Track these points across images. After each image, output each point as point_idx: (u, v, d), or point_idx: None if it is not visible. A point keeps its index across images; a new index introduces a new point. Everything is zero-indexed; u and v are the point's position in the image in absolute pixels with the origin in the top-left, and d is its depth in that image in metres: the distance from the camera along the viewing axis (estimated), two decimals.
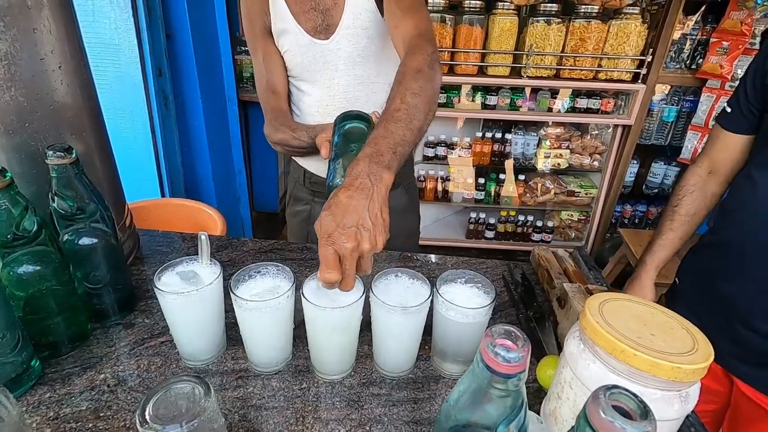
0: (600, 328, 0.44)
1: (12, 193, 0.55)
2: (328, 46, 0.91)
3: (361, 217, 0.52)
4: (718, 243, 0.88)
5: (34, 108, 0.62)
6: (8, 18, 0.56)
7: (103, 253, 0.66)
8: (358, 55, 0.91)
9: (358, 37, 0.90)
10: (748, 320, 0.80)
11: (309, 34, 0.91)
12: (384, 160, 0.56)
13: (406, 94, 0.64)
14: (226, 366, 0.64)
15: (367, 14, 0.89)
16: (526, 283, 0.84)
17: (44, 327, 0.62)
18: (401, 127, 0.60)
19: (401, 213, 1.09)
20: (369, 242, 0.52)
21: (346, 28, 0.89)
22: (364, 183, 0.54)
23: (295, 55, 0.94)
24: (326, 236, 0.51)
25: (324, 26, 0.91)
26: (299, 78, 0.98)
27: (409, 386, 0.63)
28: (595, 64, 2.18)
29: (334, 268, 0.51)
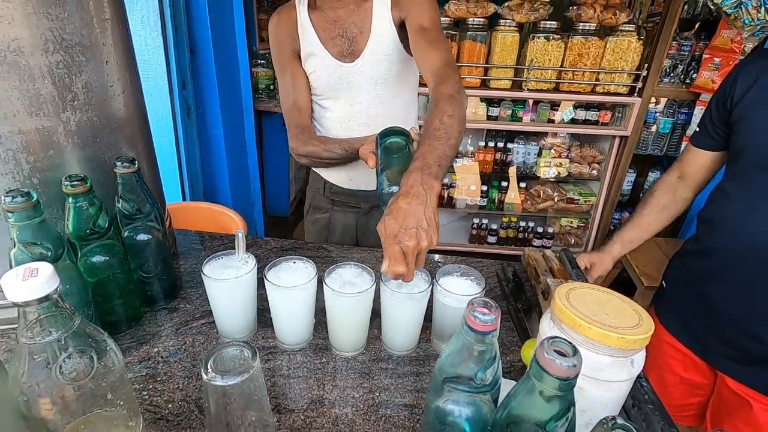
0: (564, 309, 0.55)
1: (90, 196, 0.67)
2: (353, 68, 1.04)
3: (419, 220, 0.63)
4: (699, 250, 0.98)
5: (104, 126, 0.74)
6: (89, 53, 0.69)
7: (156, 247, 0.79)
8: (380, 76, 1.04)
9: (381, 62, 1.02)
10: (731, 320, 0.89)
11: (335, 58, 1.04)
12: (432, 172, 0.67)
13: (443, 116, 0.76)
14: (258, 343, 0.76)
15: (389, 42, 1.01)
16: (517, 279, 0.95)
17: (108, 308, 0.74)
18: (442, 143, 0.72)
19: None
20: (426, 240, 0.63)
21: (371, 54, 1.02)
22: (419, 191, 0.65)
23: (321, 76, 1.06)
24: (392, 236, 0.63)
25: (350, 51, 1.03)
26: (324, 96, 1.10)
27: (412, 362, 0.74)
28: (593, 78, 2.29)
29: (402, 262, 0.62)
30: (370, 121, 1.08)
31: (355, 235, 1.24)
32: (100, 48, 0.71)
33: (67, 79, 0.67)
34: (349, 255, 1.04)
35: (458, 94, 0.82)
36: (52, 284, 0.42)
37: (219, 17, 2.08)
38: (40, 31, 0.63)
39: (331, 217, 1.23)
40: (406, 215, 0.63)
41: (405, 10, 0.99)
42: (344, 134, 1.10)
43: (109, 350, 0.46)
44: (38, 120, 0.66)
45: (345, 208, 1.21)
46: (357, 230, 1.23)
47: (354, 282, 0.72)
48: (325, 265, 1.00)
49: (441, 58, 0.91)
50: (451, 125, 0.75)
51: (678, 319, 1.02)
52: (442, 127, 0.75)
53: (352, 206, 1.21)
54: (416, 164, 0.69)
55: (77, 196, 0.65)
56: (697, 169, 1.01)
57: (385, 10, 1.01)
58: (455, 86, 0.84)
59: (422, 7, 0.98)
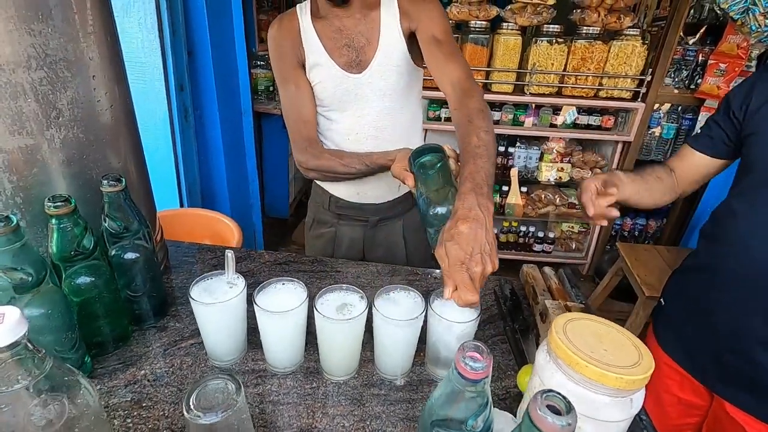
0: (561, 344, 0.53)
1: (75, 217, 0.65)
2: (360, 79, 1.01)
3: (482, 244, 0.62)
4: (700, 267, 0.95)
5: (91, 142, 0.72)
6: (74, 69, 0.67)
7: (144, 266, 0.77)
8: (388, 88, 1.01)
9: (389, 73, 1.00)
10: (730, 343, 0.87)
11: (342, 68, 1.01)
12: (485, 192, 0.67)
13: (480, 132, 0.77)
14: (247, 366, 0.74)
15: (398, 53, 0.99)
16: (514, 298, 0.93)
17: (94, 328, 0.72)
18: (486, 161, 0.72)
19: (420, 230, 1.19)
20: (491, 264, 0.62)
21: (379, 65, 0.99)
22: (478, 214, 0.64)
23: (327, 87, 1.03)
24: (459, 263, 0.61)
25: (357, 61, 1.00)
26: (330, 108, 1.07)
27: (405, 388, 0.72)
28: (596, 83, 2.26)
29: (473, 290, 0.61)
30: (378, 133, 1.06)
31: (362, 248, 1.21)
32: (86, 62, 0.69)
33: (51, 95, 0.65)
34: (345, 269, 1.02)
35: (486, 107, 0.84)
36: (19, 330, 0.40)
37: (217, 18, 2.06)
38: (22, 47, 0.61)
39: (338, 230, 1.20)
40: (469, 240, 0.61)
41: (415, 21, 0.97)
42: (353, 147, 1.07)
43: (83, 392, 0.44)
44: (21, 139, 0.64)
45: (352, 222, 1.19)
46: (364, 243, 1.20)
47: (346, 305, 0.70)
48: (319, 280, 0.98)
49: (461, 70, 0.91)
50: (488, 141, 0.76)
51: (675, 339, 1.00)
52: (482, 144, 0.75)
53: (359, 220, 1.18)
54: (467, 185, 0.67)
55: (61, 218, 0.63)
56: (689, 171, 0.98)
57: (394, 20, 0.99)
58: (481, 100, 0.85)
59: (433, 17, 0.95)
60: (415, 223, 1.18)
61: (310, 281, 0.98)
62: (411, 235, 1.20)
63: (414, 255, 1.22)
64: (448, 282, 0.63)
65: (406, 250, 1.20)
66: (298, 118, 1.07)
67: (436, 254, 0.65)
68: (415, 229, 1.19)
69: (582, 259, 2.76)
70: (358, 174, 1.03)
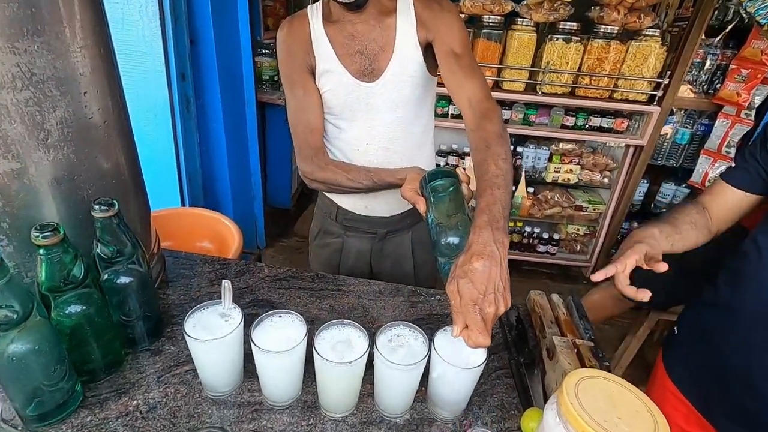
0: (572, 410, 0.50)
1: (65, 246, 0.62)
2: (372, 88, 0.96)
3: (496, 283, 0.60)
4: (718, 303, 0.91)
5: (82, 162, 0.69)
6: (63, 87, 0.63)
7: (137, 290, 0.74)
8: (401, 99, 0.96)
9: (404, 84, 0.95)
10: (743, 384, 0.84)
11: (354, 76, 0.95)
12: (501, 226, 0.64)
13: (498, 160, 0.74)
14: (243, 398, 0.72)
15: (414, 64, 0.94)
16: (520, 326, 0.90)
17: (85, 355, 0.70)
18: (503, 192, 0.70)
19: (426, 245, 1.16)
20: (504, 304, 0.60)
21: (393, 75, 0.94)
22: (493, 251, 0.61)
23: (338, 95, 0.98)
24: (472, 303, 0.59)
25: (370, 69, 0.95)
26: (339, 117, 1.02)
27: (405, 428, 0.70)
28: (611, 84, 2.19)
29: (485, 332, 0.59)
30: (389, 144, 1.01)
31: (369, 260, 1.18)
32: (77, 79, 0.65)
33: (39, 116, 0.61)
34: (347, 288, 0.99)
35: (504, 132, 0.81)
36: None
37: (221, 4, 1.98)
38: (6, 68, 0.56)
39: (345, 242, 1.17)
40: (483, 279, 0.59)
41: (433, 31, 0.92)
42: (361, 158, 1.03)
43: None
44: (6, 163, 0.60)
45: (360, 234, 1.15)
46: (372, 255, 1.17)
47: (347, 342, 0.67)
48: (320, 300, 0.95)
49: (480, 89, 0.88)
50: (507, 170, 0.74)
51: (686, 371, 0.97)
52: (500, 173, 0.72)
53: (367, 232, 1.15)
54: (483, 218, 0.65)
55: (49, 248, 0.60)
56: (724, 208, 0.93)
57: (410, 29, 0.93)
58: (500, 123, 0.82)
59: (452, 29, 0.90)
60: (424, 236, 1.15)
61: (310, 301, 0.95)
62: (420, 248, 1.17)
63: (422, 268, 1.19)
64: (459, 320, 0.60)
65: (413, 262, 1.18)
66: (305, 126, 1.02)
67: (448, 290, 0.62)
68: (424, 242, 1.16)
69: (586, 262, 2.73)
70: (364, 189, 0.99)
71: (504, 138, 0.79)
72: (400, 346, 0.68)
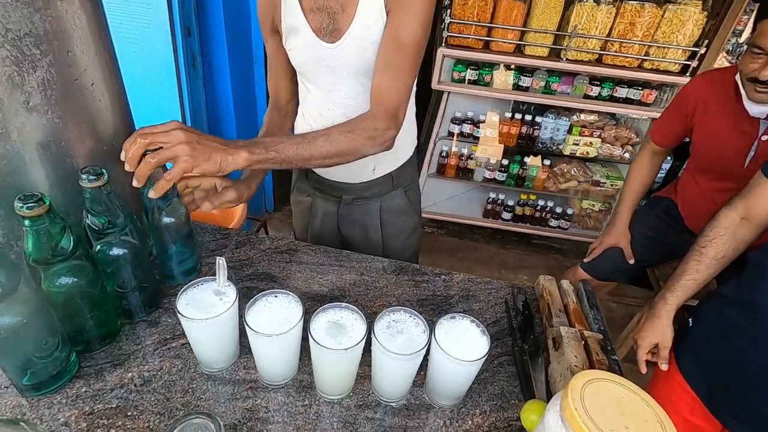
0: (577, 417, 0.47)
1: (51, 217, 0.59)
2: (332, 50, 0.89)
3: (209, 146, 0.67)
4: (740, 300, 0.86)
5: (69, 127, 0.64)
6: (44, 45, 0.58)
7: (131, 262, 0.72)
8: (362, 66, 0.89)
9: (365, 50, 0.87)
10: (758, 385, 0.81)
11: (315, 33, 0.89)
12: (254, 149, 0.71)
13: (321, 135, 0.78)
14: (238, 375, 0.71)
15: (378, 29, 0.85)
16: (526, 312, 0.87)
17: (78, 327, 0.68)
18: (291, 145, 0.75)
19: (399, 214, 1.13)
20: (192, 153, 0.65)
21: (354, 38, 0.86)
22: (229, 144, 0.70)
23: (300, 53, 0.93)
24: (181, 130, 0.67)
25: (330, 29, 0.88)
26: (304, 77, 1.00)
27: (401, 413, 0.69)
28: (642, 52, 2.04)
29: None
30: (349, 112, 0.95)
31: (336, 223, 1.16)
32: (59, 36, 0.59)
33: (18, 77, 0.56)
34: (349, 263, 0.97)
35: (366, 138, 0.82)
36: None
37: None
38: None
39: (313, 202, 1.16)
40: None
41: (392, 3, 0.82)
42: (323, 123, 0.98)
43: None
44: None
45: (327, 196, 1.14)
46: (338, 219, 1.15)
47: (343, 327, 0.64)
48: (321, 275, 0.93)
49: (388, 92, 0.85)
50: (318, 146, 0.78)
51: (697, 364, 0.94)
52: (309, 137, 0.78)
53: (333, 195, 1.12)
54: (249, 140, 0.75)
55: (35, 219, 0.57)
56: (767, 207, 0.87)
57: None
58: (371, 131, 0.82)
59: (409, 13, 0.80)
60: (395, 207, 1.12)
61: (310, 276, 0.92)
62: (389, 218, 1.13)
63: (392, 239, 1.15)
64: None
65: (382, 232, 1.13)
66: (273, 83, 1.09)
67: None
68: (395, 213, 1.12)
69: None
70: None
71: (353, 137, 0.80)
72: (399, 332, 0.65)
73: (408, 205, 1.14)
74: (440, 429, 0.67)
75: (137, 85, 1.82)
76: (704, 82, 1.36)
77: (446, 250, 2.67)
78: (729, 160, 1.29)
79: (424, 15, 0.82)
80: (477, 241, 2.76)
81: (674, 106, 1.47)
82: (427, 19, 0.83)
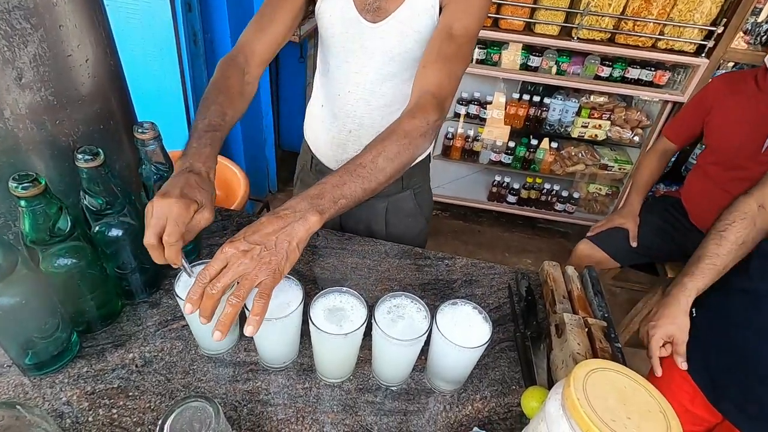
0: (578, 406, 0.47)
1: (47, 197, 0.58)
2: (372, 29, 0.83)
3: (269, 237, 0.54)
4: (749, 290, 0.84)
5: (64, 105, 0.63)
6: (34, 19, 0.56)
7: (131, 243, 0.71)
8: (399, 53, 0.84)
9: (406, 37, 0.82)
10: (761, 376, 0.80)
11: (357, 8, 0.83)
12: (321, 204, 0.58)
13: (380, 155, 0.65)
14: (239, 357, 0.71)
15: (425, 19, 0.80)
16: (530, 298, 0.86)
17: (79, 307, 0.68)
18: (357, 184, 0.62)
19: (406, 216, 1.09)
20: (267, 265, 0.53)
21: (399, 22, 0.81)
22: (287, 214, 0.56)
23: (334, 25, 0.86)
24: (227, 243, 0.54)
25: (375, 6, 0.82)
26: (329, 52, 0.91)
27: (401, 397, 0.69)
28: (656, 31, 1.97)
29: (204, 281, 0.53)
30: (372, 98, 0.90)
31: (339, 220, 1.12)
32: (50, 9, 0.57)
33: (8, 53, 0.55)
34: (351, 247, 0.96)
35: (420, 137, 0.69)
36: None
37: None
38: None
39: None
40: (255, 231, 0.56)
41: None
42: (340, 106, 0.93)
43: None
44: None
45: None
46: (342, 217, 1.11)
47: (343, 311, 0.64)
48: (323, 258, 0.92)
49: (438, 83, 0.75)
50: (381, 169, 0.64)
51: (699, 355, 0.93)
52: (371, 166, 0.64)
53: None
54: (311, 191, 0.60)
55: (30, 200, 0.56)
56: None
57: None
58: (423, 127, 0.70)
59: (466, 9, 0.76)
60: (402, 209, 1.07)
61: (312, 258, 0.92)
62: (395, 220, 1.09)
63: (401, 240, 1.11)
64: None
65: (387, 233, 1.09)
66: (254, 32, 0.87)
67: None
68: (402, 215, 1.08)
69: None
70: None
71: (410, 139, 0.68)
72: (400, 317, 0.64)
73: (416, 209, 1.09)
74: (440, 413, 0.67)
75: (137, 63, 1.79)
76: (723, 80, 1.47)
77: (450, 233, 2.66)
78: (746, 147, 1.31)
79: (481, 12, 0.78)
80: (481, 224, 2.75)
81: (692, 106, 1.55)
82: (482, 16, 0.79)
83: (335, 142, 0.98)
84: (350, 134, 0.95)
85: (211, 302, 0.53)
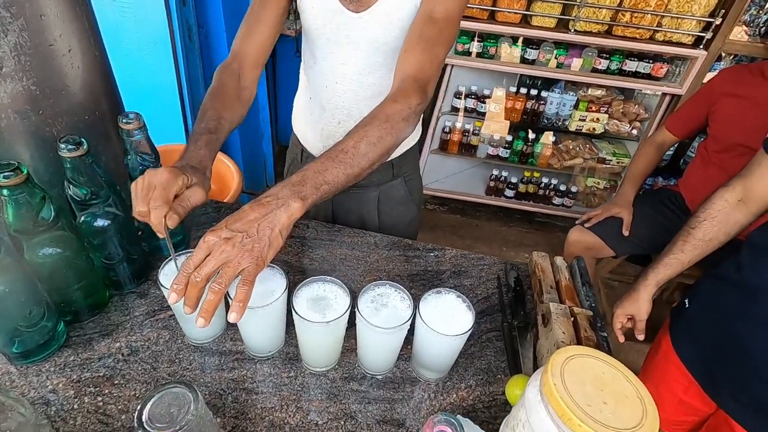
0: (555, 392, 0.47)
1: (30, 186, 0.58)
2: (356, 20, 0.83)
3: (251, 225, 0.53)
4: (740, 281, 0.85)
5: (47, 95, 0.63)
6: (14, 8, 0.56)
7: (117, 234, 0.71)
8: (384, 42, 0.84)
9: (391, 26, 0.81)
10: (757, 368, 0.80)
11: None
12: (303, 191, 0.58)
13: (362, 140, 0.64)
14: (225, 346, 0.72)
15: (410, 6, 0.79)
16: (518, 289, 0.86)
17: (65, 297, 0.69)
18: (340, 170, 0.62)
19: (398, 204, 1.09)
20: (249, 252, 0.52)
21: (382, 12, 0.81)
22: (269, 201, 0.55)
23: (317, 17, 0.86)
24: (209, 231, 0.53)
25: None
26: (315, 44, 0.90)
27: (386, 385, 0.69)
28: (654, 23, 1.96)
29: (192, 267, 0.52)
30: (359, 89, 0.90)
31: (331, 212, 1.12)
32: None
33: None
34: (341, 238, 0.96)
35: (402, 120, 0.69)
36: None
37: None
38: None
39: None
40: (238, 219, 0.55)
41: None
42: (328, 98, 0.93)
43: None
44: None
45: None
46: (333, 207, 1.11)
47: (326, 300, 0.64)
48: (312, 250, 0.92)
49: (420, 67, 0.75)
50: (364, 154, 0.64)
51: (692, 346, 0.93)
52: (353, 152, 0.63)
53: None
54: (293, 178, 0.59)
55: (13, 189, 0.56)
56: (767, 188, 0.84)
57: None
58: (405, 111, 0.69)
59: None
60: (393, 197, 1.07)
61: (301, 250, 0.92)
62: (388, 209, 1.09)
63: (390, 231, 1.11)
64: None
65: (379, 224, 1.09)
66: (247, 33, 0.88)
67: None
68: (394, 203, 1.08)
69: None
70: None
71: (392, 124, 0.67)
72: (383, 306, 0.64)
73: (407, 195, 1.09)
74: (424, 401, 0.67)
75: (131, 58, 1.78)
76: (728, 72, 1.48)
77: (448, 228, 2.66)
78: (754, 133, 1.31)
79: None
80: (479, 219, 2.74)
81: (698, 99, 1.55)
82: (464, 0, 0.78)
83: (324, 134, 0.98)
84: (339, 125, 0.95)
85: (195, 291, 0.53)
